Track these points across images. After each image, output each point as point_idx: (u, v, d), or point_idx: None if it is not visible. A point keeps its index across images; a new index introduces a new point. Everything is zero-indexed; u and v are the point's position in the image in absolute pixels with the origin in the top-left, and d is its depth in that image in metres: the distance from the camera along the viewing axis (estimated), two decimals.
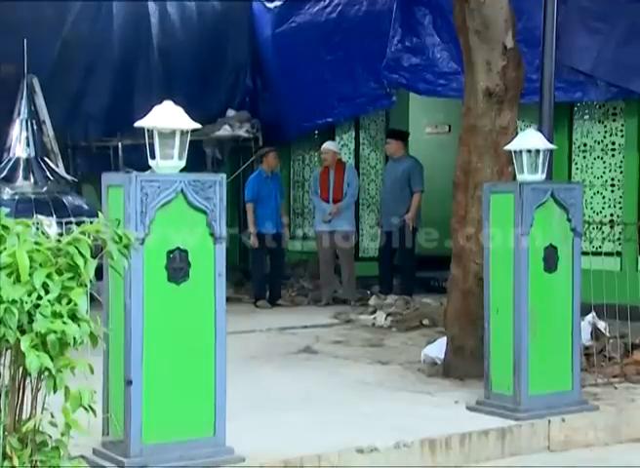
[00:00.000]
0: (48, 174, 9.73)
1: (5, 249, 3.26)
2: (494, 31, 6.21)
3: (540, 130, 6.40)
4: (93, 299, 3.48)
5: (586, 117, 9.48)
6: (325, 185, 10.43)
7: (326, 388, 6.15)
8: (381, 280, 10.28)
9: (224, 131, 11.71)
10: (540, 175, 5.42)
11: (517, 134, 6.05)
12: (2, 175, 9.55)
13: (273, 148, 10.56)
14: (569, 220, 5.49)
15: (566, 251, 5.48)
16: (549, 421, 5.32)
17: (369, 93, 10.86)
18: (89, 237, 3.39)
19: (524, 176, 5.41)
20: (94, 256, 3.39)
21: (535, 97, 7.11)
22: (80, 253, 3.32)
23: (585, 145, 9.50)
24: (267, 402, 5.64)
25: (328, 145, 10.55)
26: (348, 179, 10.35)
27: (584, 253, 5.68)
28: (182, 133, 4.24)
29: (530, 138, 5.47)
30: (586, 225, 6.45)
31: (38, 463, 3.33)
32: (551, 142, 5.90)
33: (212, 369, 4.32)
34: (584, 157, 9.51)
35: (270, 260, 10.32)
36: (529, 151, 5.39)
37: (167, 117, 4.23)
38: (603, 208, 9.39)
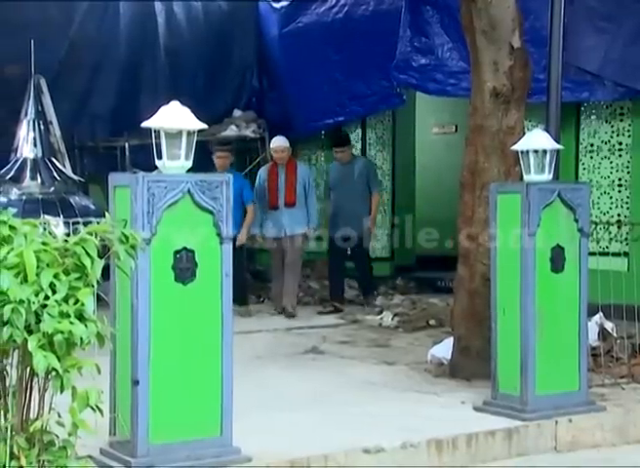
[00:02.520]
0: (55, 174, 9.73)
1: (12, 249, 3.27)
2: (501, 31, 6.21)
3: (546, 130, 6.39)
4: (100, 299, 3.49)
5: (593, 117, 9.46)
6: (274, 187, 9.38)
7: (332, 388, 6.15)
8: (337, 288, 9.70)
9: (231, 131, 11.70)
10: (547, 176, 5.42)
11: (524, 134, 6.05)
12: (9, 176, 9.56)
13: (221, 147, 9.46)
14: (576, 221, 5.48)
15: (573, 251, 5.48)
16: (556, 422, 5.31)
17: (380, 91, 10.85)
18: (96, 237, 3.40)
19: (531, 177, 5.41)
20: (101, 257, 3.40)
21: (542, 96, 7.10)
22: (87, 253, 3.32)
23: (592, 145, 9.48)
24: (274, 402, 5.65)
25: (281, 141, 9.50)
26: (303, 180, 9.42)
27: (591, 254, 5.68)
28: (189, 133, 4.25)
29: (537, 139, 5.47)
30: (593, 226, 6.44)
31: (45, 463, 3.34)
32: (558, 142, 5.89)
33: (218, 369, 4.33)
34: (591, 157, 9.49)
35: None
36: (536, 151, 5.39)
37: (174, 117, 4.24)
38: (610, 208, 9.38)
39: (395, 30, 10.28)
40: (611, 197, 9.38)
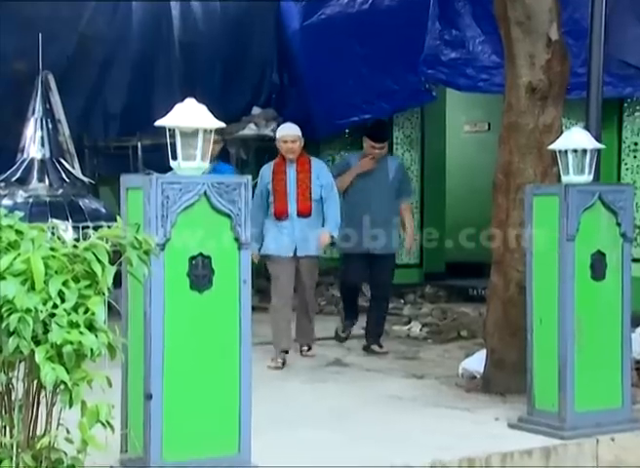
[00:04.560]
0: (63, 175, 9.79)
1: (19, 255, 3.29)
2: (537, 22, 6.19)
3: (586, 128, 6.36)
4: (111, 308, 3.50)
5: (637, 114, 9.41)
6: (281, 190, 7.49)
7: (357, 403, 6.14)
8: (352, 316, 8.31)
9: (249, 130, 11.74)
10: (587, 177, 5.39)
11: (562, 132, 6.02)
12: (16, 177, 9.62)
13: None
14: (618, 225, 5.45)
15: (615, 257, 5.45)
16: (597, 440, 5.28)
17: (408, 87, 10.83)
18: (107, 242, 3.41)
19: (569, 178, 5.38)
20: (112, 263, 3.41)
21: (581, 92, 7.06)
22: (98, 259, 3.34)
23: (636, 144, 9.43)
24: (295, 417, 5.64)
25: (291, 128, 7.73)
26: (321, 180, 7.56)
27: (635, 260, 5.65)
28: (206, 132, 4.26)
29: (576, 137, 5.44)
30: (637, 230, 6.41)
31: None
32: (599, 141, 5.86)
33: (236, 382, 4.33)
34: (635, 157, 9.44)
35: None
36: (575, 151, 5.36)
37: (189, 115, 4.25)
38: None
39: (424, 22, 10.26)
40: None
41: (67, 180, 9.78)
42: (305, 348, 7.86)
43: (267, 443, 4.69)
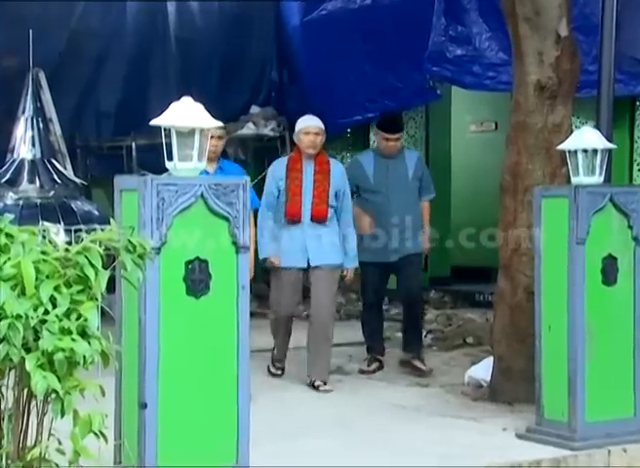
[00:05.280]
0: (55, 176, 9.79)
1: (9, 259, 3.29)
2: (546, 18, 6.20)
3: (597, 127, 6.37)
4: (104, 314, 3.50)
5: None
6: (296, 189, 6.88)
7: (360, 413, 6.14)
8: (377, 337, 7.74)
9: (248, 129, 11.74)
10: (598, 178, 5.39)
11: (572, 132, 6.02)
12: (5, 179, 9.61)
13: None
14: (630, 228, 5.45)
15: (627, 261, 5.45)
16: (609, 451, 5.28)
17: (414, 85, 10.83)
18: (100, 246, 3.41)
19: (579, 179, 5.39)
20: (105, 267, 3.41)
21: (592, 90, 7.07)
22: (91, 263, 3.34)
23: None
24: (296, 427, 5.65)
25: (316, 120, 7.17)
26: (337, 184, 6.98)
27: None
28: (202, 131, 4.26)
29: (586, 137, 5.45)
30: None
31: None
32: (610, 141, 5.87)
33: (234, 390, 4.33)
34: None
35: None
36: (585, 151, 5.37)
37: (185, 114, 4.25)
38: None
39: (428, 17, 10.27)
40: None
41: (59, 182, 9.77)
42: (321, 384, 6.85)
43: (266, 453, 4.69)
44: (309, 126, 7.04)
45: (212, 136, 6.25)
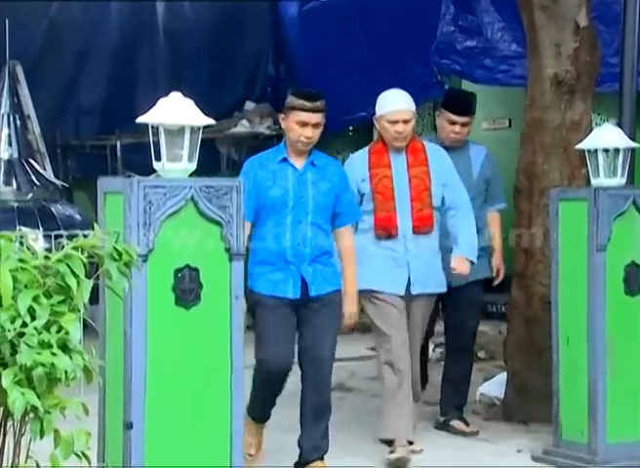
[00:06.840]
0: (33, 178, 9.80)
1: None
2: (564, 6, 6.22)
3: (619, 125, 6.38)
4: (87, 327, 3.50)
5: None
6: (388, 193, 5.67)
7: (364, 432, 6.13)
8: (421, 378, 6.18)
9: (242, 127, 11.76)
10: (620, 180, 5.40)
11: (591, 129, 6.03)
12: None
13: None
14: None
15: None
16: None
17: (419, 79, 10.83)
18: (83, 253, 3.41)
19: (600, 181, 5.39)
20: (88, 276, 3.41)
21: (613, 84, 7.07)
22: (72, 272, 3.33)
23: None
24: (293, 447, 5.64)
25: (405, 101, 6.05)
26: (441, 176, 5.74)
27: None
28: (193, 130, 4.27)
29: (607, 135, 5.46)
30: None
31: None
32: (633, 140, 5.87)
33: (227, 409, 4.32)
34: None
35: None
36: (606, 150, 5.38)
37: (175, 111, 4.25)
38: None
39: (436, 6, 10.28)
40: None
41: (38, 184, 9.78)
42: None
43: None
44: (397, 111, 5.85)
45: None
